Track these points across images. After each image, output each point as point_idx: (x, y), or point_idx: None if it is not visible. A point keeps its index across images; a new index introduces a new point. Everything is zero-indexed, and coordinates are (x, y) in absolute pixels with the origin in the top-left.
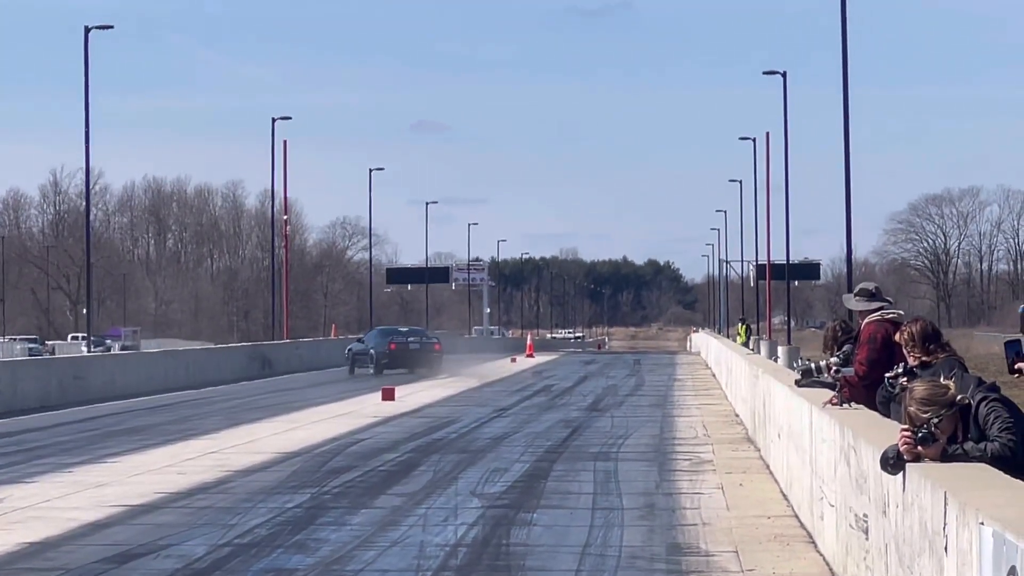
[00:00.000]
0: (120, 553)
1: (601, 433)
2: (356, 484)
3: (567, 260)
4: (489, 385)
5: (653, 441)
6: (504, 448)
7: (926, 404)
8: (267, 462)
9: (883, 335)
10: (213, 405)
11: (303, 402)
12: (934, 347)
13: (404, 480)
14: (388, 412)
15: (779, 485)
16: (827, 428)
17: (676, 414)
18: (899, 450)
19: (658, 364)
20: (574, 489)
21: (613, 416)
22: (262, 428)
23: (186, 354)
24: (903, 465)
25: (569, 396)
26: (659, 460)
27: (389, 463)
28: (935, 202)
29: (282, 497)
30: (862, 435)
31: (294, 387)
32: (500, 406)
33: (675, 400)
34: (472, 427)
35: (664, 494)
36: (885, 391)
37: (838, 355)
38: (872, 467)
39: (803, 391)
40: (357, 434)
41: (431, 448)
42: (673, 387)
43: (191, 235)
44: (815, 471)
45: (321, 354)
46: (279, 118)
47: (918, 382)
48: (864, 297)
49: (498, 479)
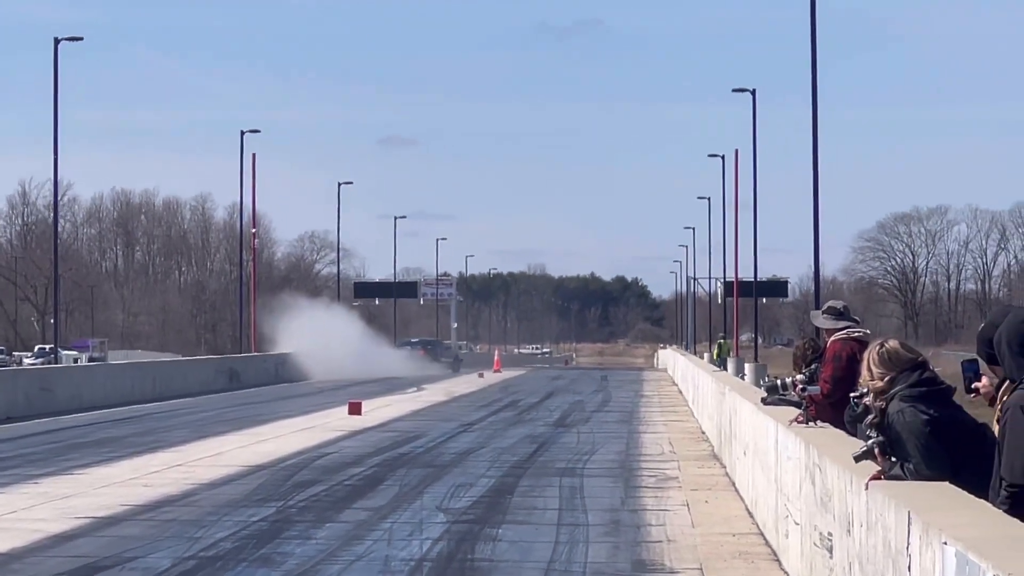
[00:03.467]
0: (85, 565)
1: (567, 449)
2: (322, 498)
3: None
4: (456, 400)
5: (619, 457)
6: (470, 463)
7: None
8: (233, 475)
9: (848, 353)
10: (180, 418)
11: (270, 415)
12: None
13: (370, 494)
14: (355, 426)
15: (744, 503)
16: (793, 446)
17: (642, 430)
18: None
19: (625, 380)
20: (539, 505)
21: (579, 432)
22: (228, 441)
23: (153, 366)
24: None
25: (536, 411)
26: (625, 476)
27: (355, 477)
28: (903, 221)
29: (247, 510)
30: (827, 453)
31: (261, 400)
32: (466, 421)
33: (642, 416)
34: (438, 442)
35: (629, 510)
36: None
37: (804, 373)
38: (837, 485)
39: (769, 409)
40: (323, 448)
41: (397, 462)
42: (640, 403)
43: (159, 247)
44: (780, 489)
45: (288, 367)
46: (248, 131)
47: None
48: (831, 315)
49: (464, 494)
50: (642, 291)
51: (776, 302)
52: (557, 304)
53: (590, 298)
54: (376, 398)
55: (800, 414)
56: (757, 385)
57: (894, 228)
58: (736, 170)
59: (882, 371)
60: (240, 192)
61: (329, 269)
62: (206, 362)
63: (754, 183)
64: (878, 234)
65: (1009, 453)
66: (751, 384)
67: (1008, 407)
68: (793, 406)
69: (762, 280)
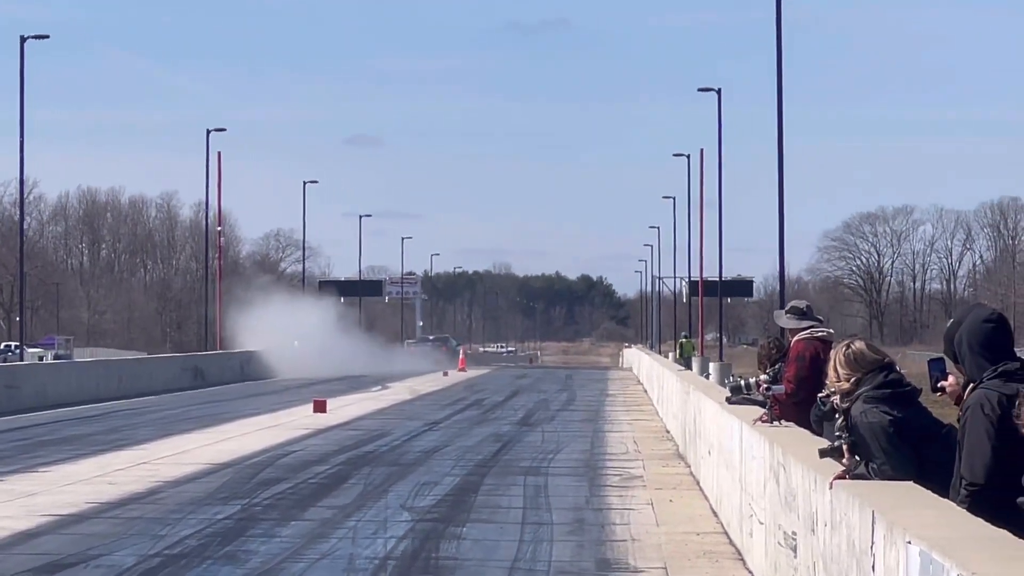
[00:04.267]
0: (49, 563)
1: (532, 448)
2: (286, 496)
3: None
4: (420, 398)
5: (584, 456)
6: (435, 462)
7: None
8: (198, 473)
9: (811, 353)
10: (145, 415)
11: (235, 413)
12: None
13: (335, 492)
14: (320, 424)
15: (709, 502)
16: (757, 445)
17: (607, 429)
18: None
19: (590, 379)
20: (504, 503)
21: (544, 431)
22: (193, 439)
23: (119, 364)
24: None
25: (500, 410)
26: (589, 475)
27: (320, 475)
28: (869, 220)
29: (212, 508)
30: (792, 452)
31: (226, 398)
32: (431, 419)
33: (606, 415)
34: (403, 440)
35: (594, 509)
36: (819, 410)
37: (768, 372)
38: (801, 484)
39: (734, 408)
40: (288, 446)
41: (362, 461)
42: (605, 402)
43: (125, 245)
44: (745, 488)
45: (254, 365)
46: (214, 130)
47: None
48: (795, 315)
49: (428, 492)
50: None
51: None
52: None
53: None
54: (341, 396)
55: (764, 413)
56: (722, 384)
57: (860, 228)
58: (701, 169)
59: (848, 372)
60: (206, 190)
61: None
62: (171, 360)
63: (719, 183)
64: (844, 234)
65: (969, 452)
66: (716, 383)
67: (968, 407)
68: (757, 405)
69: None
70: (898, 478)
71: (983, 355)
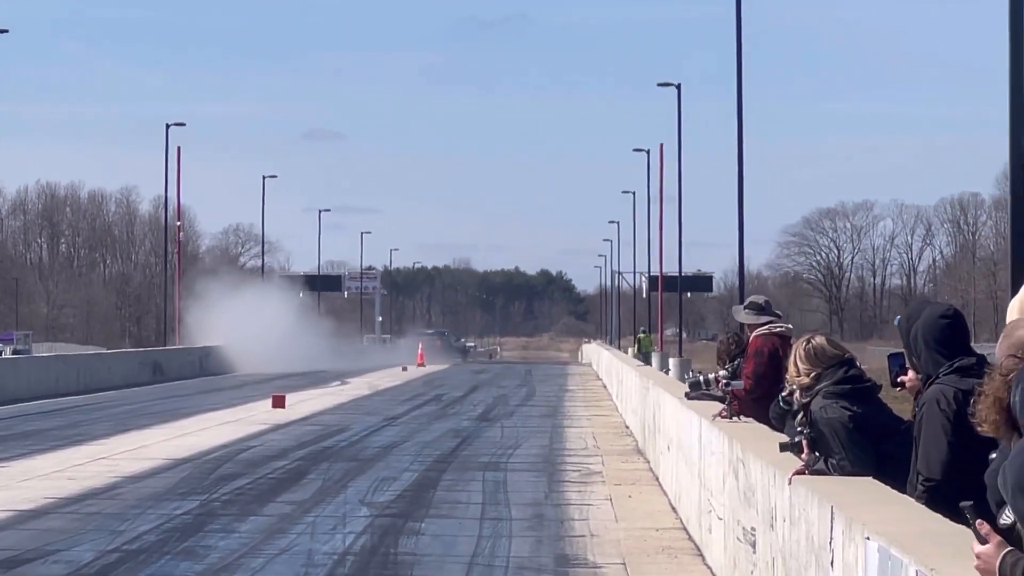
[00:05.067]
0: (8, 559)
1: (491, 443)
2: (245, 491)
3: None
4: (379, 394)
5: (543, 452)
6: (394, 457)
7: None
8: (157, 468)
9: (770, 349)
10: (104, 411)
11: (194, 408)
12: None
13: (293, 488)
14: (278, 419)
15: (668, 498)
16: (716, 441)
17: (566, 425)
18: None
19: (549, 375)
20: (463, 499)
21: (503, 426)
22: (152, 434)
23: (78, 359)
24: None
25: (460, 406)
26: (548, 471)
27: (278, 471)
28: (829, 216)
29: (171, 504)
30: (751, 448)
31: (185, 393)
32: (390, 415)
33: (566, 411)
34: (362, 435)
35: (553, 505)
36: (779, 407)
37: (727, 368)
38: (760, 480)
39: (693, 404)
40: (247, 441)
41: (321, 456)
42: (564, 398)
43: (84, 240)
44: (704, 484)
45: (212, 360)
46: (173, 124)
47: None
48: (753, 310)
49: (387, 488)
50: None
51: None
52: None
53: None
54: (300, 391)
55: (724, 409)
56: (681, 380)
57: (819, 223)
58: (661, 164)
59: (808, 367)
60: (165, 185)
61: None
62: (130, 355)
63: (679, 177)
64: (803, 229)
65: (925, 448)
66: (675, 379)
67: (924, 402)
68: (717, 401)
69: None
70: (857, 474)
71: (939, 351)
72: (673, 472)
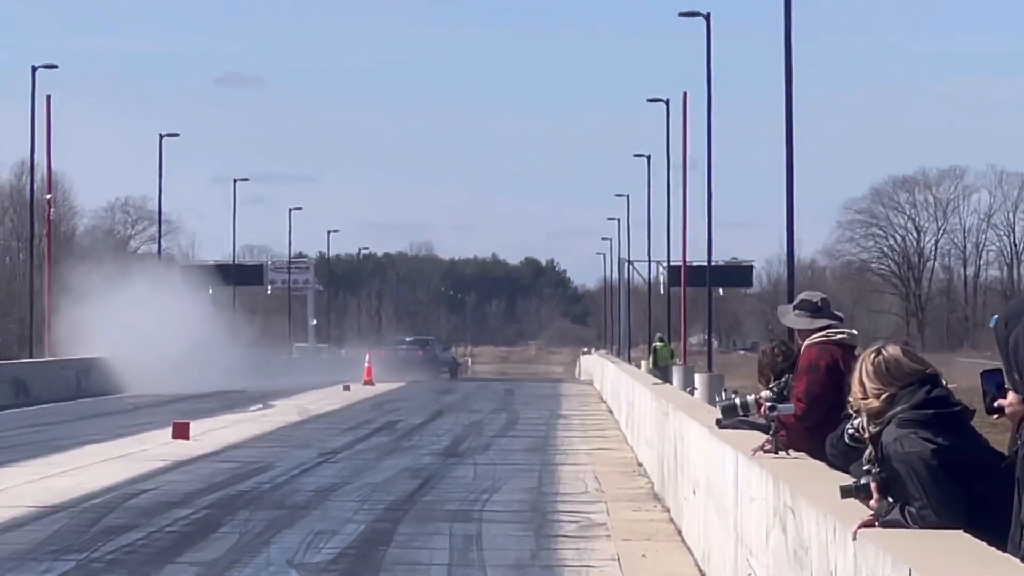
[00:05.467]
0: None
1: (461, 485)
2: (137, 549)
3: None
4: (313, 420)
5: (529, 497)
6: (333, 503)
7: (874, 379)
8: (20, 518)
9: (828, 362)
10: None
11: (70, 440)
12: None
13: (200, 544)
14: (181, 454)
15: (694, 557)
16: (757, 483)
17: (560, 461)
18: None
19: (537, 395)
20: (423, 559)
21: (476, 463)
22: (14, 473)
23: None
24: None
25: (419, 436)
26: (536, 522)
27: (181, 522)
28: (906, 186)
29: (39, 565)
30: (803, 493)
31: (58, 420)
32: (328, 448)
33: (559, 443)
34: (291, 475)
35: (542, 567)
36: (842, 443)
37: (773, 388)
38: (815, 535)
39: (727, 434)
40: (140, 483)
41: (236, 502)
42: (556, 426)
43: None
44: (741, 539)
45: (94, 377)
46: (41, 67)
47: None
48: (805, 312)
49: (324, 544)
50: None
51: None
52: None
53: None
54: (210, 417)
55: (767, 441)
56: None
57: (893, 196)
58: (684, 120)
59: (878, 387)
60: (31, 146)
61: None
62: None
63: (708, 137)
64: (872, 204)
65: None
66: (703, 401)
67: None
68: (759, 430)
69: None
70: (943, 525)
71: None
72: (701, 524)
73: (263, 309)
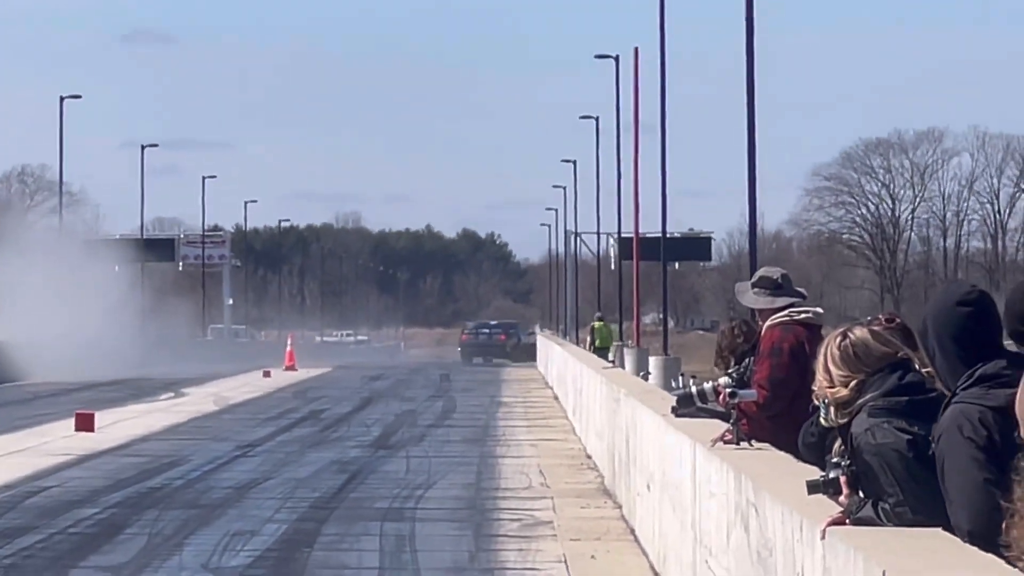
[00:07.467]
0: None
1: (392, 481)
2: (36, 553)
3: (346, 230)
4: (230, 410)
5: (467, 493)
6: (251, 501)
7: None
8: None
9: (792, 344)
10: None
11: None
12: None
13: (106, 547)
14: (85, 448)
15: (648, 558)
16: (717, 477)
17: (501, 453)
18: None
19: (476, 380)
20: (351, 562)
21: (409, 456)
22: None
23: None
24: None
25: (347, 426)
26: (475, 520)
27: (85, 522)
28: (879, 150)
29: None
30: (767, 487)
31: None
32: (246, 440)
33: (500, 433)
34: (205, 471)
35: (481, 570)
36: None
37: (732, 372)
38: (780, 533)
39: (683, 423)
40: (40, 479)
41: (145, 501)
42: (497, 414)
43: None
44: (699, 538)
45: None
46: None
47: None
48: (766, 289)
49: (242, 546)
50: (501, 252)
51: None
52: (377, 271)
53: (425, 262)
54: (116, 407)
55: (728, 430)
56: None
57: (866, 161)
58: (636, 78)
59: (846, 374)
60: None
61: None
62: None
63: (662, 97)
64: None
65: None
66: (658, 387)
67: (941, 432)
68: (718, 418)
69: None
70: (920, 522)
71: (957, 354)
72: (655, 521)
73: (174, 287)
